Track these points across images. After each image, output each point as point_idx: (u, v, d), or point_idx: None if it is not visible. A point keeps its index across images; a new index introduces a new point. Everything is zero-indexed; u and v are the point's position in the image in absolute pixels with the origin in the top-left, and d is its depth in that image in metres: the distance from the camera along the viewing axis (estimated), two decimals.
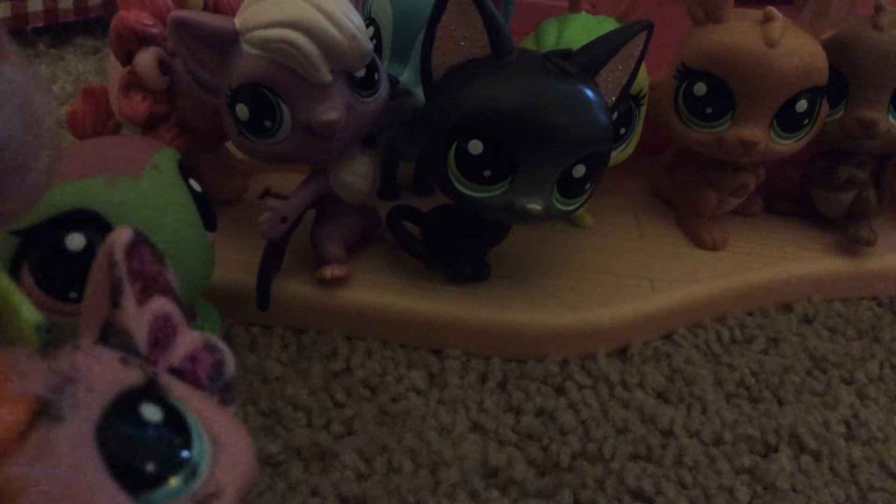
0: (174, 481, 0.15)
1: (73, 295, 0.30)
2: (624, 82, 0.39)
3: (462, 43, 0.37)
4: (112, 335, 0.18)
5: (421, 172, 0.51)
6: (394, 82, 0.41)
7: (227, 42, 0.34)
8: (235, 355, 0.40)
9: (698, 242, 0.48)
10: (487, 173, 0.36)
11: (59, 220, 0.29)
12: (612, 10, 0.45)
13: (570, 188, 0.37)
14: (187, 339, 0.20)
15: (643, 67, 0.42)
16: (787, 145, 0.45)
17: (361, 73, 0.36)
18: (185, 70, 0.36)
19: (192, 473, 0.15)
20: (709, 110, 0.44)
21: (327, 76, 0.34)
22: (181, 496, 0.15)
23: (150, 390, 0.16)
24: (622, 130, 0.45)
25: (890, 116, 0.46)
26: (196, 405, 0.17)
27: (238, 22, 0.34)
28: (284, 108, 0.35)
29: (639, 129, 0.46)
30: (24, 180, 0.15)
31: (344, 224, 0.41)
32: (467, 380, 0.39)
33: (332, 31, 0.33)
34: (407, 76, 0.43)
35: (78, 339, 0.17)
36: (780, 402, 0.40)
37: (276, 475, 0.34)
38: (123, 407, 0.15)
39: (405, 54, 0.43)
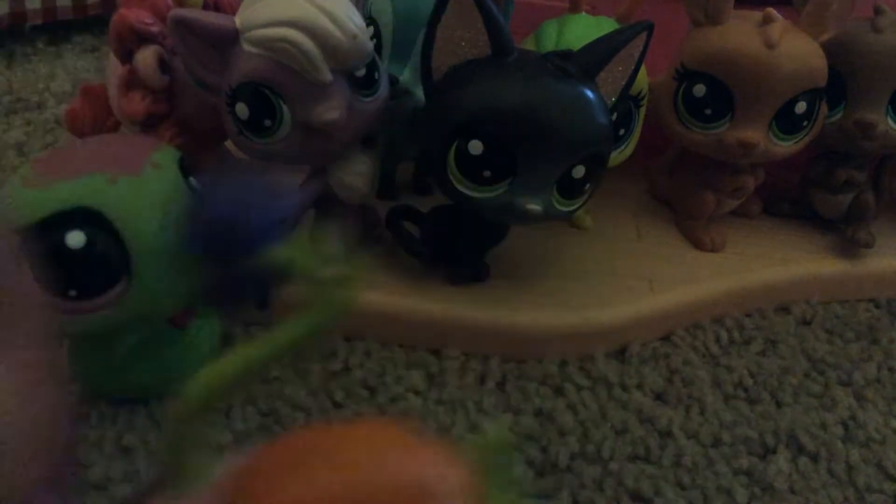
0: None
1: (73, 293, 0.30)
2: (624, 83, 0.39)
3: (462, 43, 0.37)
4: None
5: (420, 172, 0.51)
6: (394, 82, 0.41)
7: (227, 41, 0.34)
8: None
9: (697, 243, 0.48)
10: (487, 174, 0.36)
11: (59, 217, 0.29)
12: (612, 10, 0.45)
13: (569, 189, 0.37)
14: None
15: (643, 68, 0.42)
16: (785, 147, 0.45)
17: (362, 72, 0.36)
18: (185, 69, 0.36)
19: None
20: (708, 112, 0.44)
21: (327, 75, 0.34)
22: None
23: None
24: (621, 132, 0.45)
25: (888, 118, 0.46)
26: None
27: (238, 21, 0.34)
28: (284, 107, 0.35)
29: (638, 130, 0.46)
30: None
31: (343, 224, 0.41)
32: (466, 380, 0.39)
33: (333, 30, 0.33)
34: (407, 76, 0.42)
35: None
36: (779, 404, 0.40)
37: None
38: None
39: (405, 54, 0.42)
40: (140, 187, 0.31)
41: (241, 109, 0.35)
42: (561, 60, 0.36)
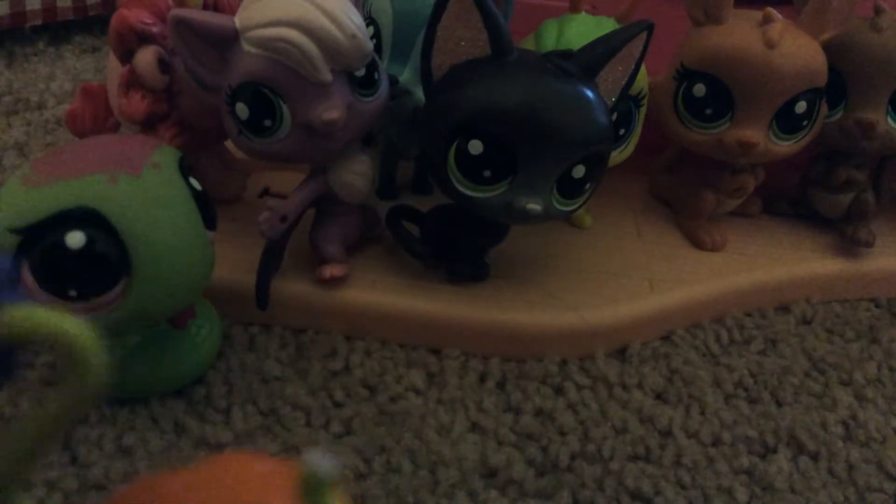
0: None
1: (73, 293, 0.30)
2: (624, 83, 0.39)
3: (462, 43, 0.37)
4: None
5: (421, 172, 0.51)
6: (393, 82, 0.41)
7: (227, 41, 0.34)
8: (234, 355, 0.40)
9: (697, 243, 0.48)
10: (487, 173, 0.36)
11: (59, 218, 0.29)
12: (612, 10, 0.45)
13: (569, 188, 0.37)
14: None
15: (643, 68, 0.42)
16: (786, 146, 0.45)
17: (361, 72, 0.36)
18: (185, 69, 0.36)
19: None
20: (708, 111, 0.44)
21: (327, 75, 0.34)
22: None
23: None
24: (621, 131, 0.45)
25: (888, 118, 0.46)
26: None
27: (238, 21, 0.34)
28: (284, 107, 0.35)
29: (638, 130, 0.46)
30: None
31: (343, 224, 0.41)
32: (466, 380, 0.39)
33: (333, 30, 0.33)
34: (407, 76, 0.43)
35: None
36: (779, 403, 0.40)
37: None
38: None
39: (405, 54, 0.42)
40: (140, 187, 0.31)
41: (241, 109, 0.35)
42: (561, 60, 0.36)
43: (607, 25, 0.43)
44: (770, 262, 0.48)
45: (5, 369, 0.15)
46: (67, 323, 0.14)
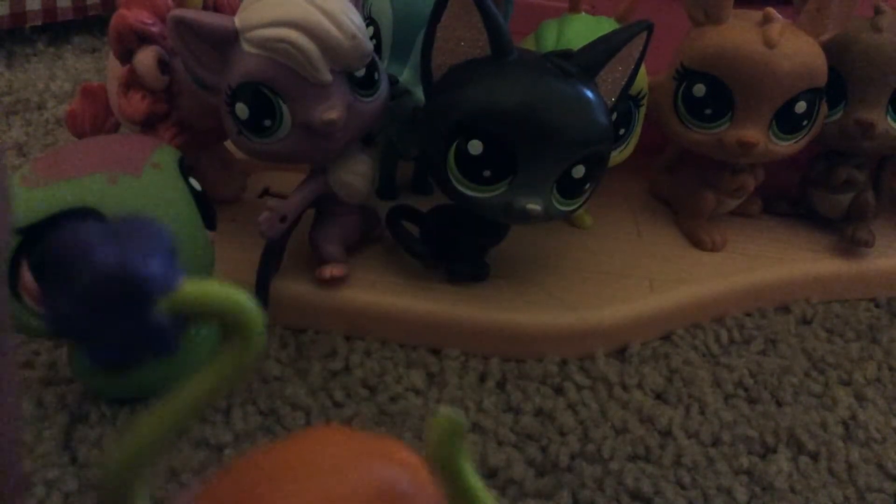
0: None
1: None
2: (624, 83, 0.39)
3: (462, 43, 0.37)
4: None
5: (420, 172, 0.51)
6: (393, 82, 0.41)
7: (226, 41, 0.34)
8: None
9: (697, 243, 0.48)
10: (487, 173, 0.36)
11: (59, 217, 0.29)
12: (612, 10, 0.45)
13: (569, 189, 0.37)
14: None
15: (643, 68, 0.42)
16: (785, 146, 0.45)
17: (361, 72, 0.36)
18: (185, 69, 0.36)
19: None
20: (708, 111, 0.44)
21: (327, 76, 0.34)
22: None
23: None
24: (621, 131, 0.45)
25: (888, 118, 0.46)
26: None
27: (238, 21, 0.34)
28: (284, 107, 0.35)
29: (638, 130, 0.46)
30: None
31: (343, 224, 0.41)
32: (466, 380, 0.39)
33: (333, 30, 0.33)
34: (406, 76, 0.43)
35: None
36: (779, 403, 0.40)
37: None
38: None
39: (405, 54, 0.43)
40: (140, 187, 0.31)
41: (241, 109, 0.35)
42: (561, 60, 0.36)
43: (607, 25, 0.43)
44: (770, 261, 0.48)
45: (170, 343, 0.15)
46: (238, 296, 0.14)
